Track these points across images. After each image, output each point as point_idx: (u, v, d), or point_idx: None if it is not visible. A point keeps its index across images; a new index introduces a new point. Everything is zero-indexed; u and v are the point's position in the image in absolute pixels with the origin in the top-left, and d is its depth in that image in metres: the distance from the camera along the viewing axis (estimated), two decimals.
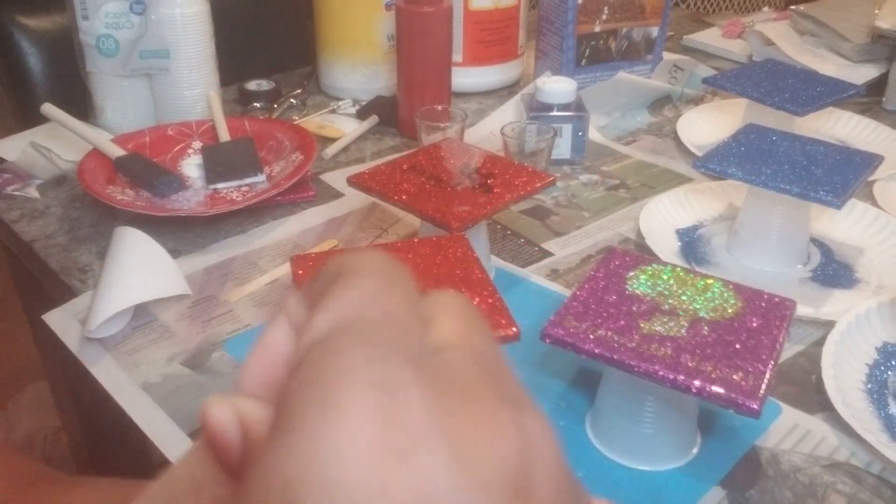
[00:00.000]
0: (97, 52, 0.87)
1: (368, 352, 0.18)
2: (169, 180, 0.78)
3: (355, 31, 1.02)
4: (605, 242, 0.75)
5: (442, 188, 0.65)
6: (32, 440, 1.34)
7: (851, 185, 0.64)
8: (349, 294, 0.19)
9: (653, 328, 0.48)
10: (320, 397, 0.17)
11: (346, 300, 0.19)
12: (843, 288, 0.68)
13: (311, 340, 0.19)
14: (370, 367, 0.17)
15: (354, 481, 0.16)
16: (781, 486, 0.49)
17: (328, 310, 0.19)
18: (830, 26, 1.16)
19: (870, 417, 0.54)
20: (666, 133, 0.99)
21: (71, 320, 0.63)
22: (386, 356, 0.18)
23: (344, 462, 0.16)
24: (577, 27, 1.02)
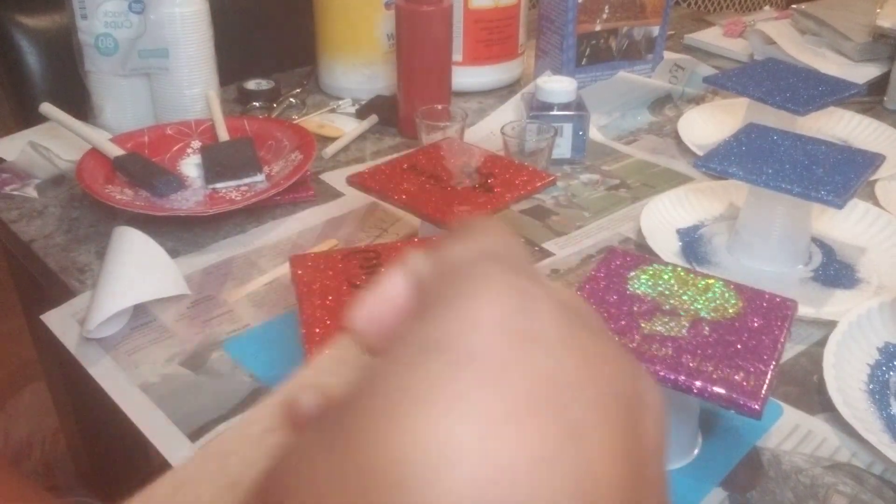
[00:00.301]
0: (96, 52, 0.87)
1: (505, 267, 0.19)
2: (168, 180, 0.78)
3: (355, 31, 1.02)
4: (605, 242, 0.75)
5: (442, 188, 0.65)
6: (31, 441, 1.34)
7: (853, 184, 0.64)
8: (479, 237, 0.21)
9: (654, 328, 0.48)
10: (461, 290, 0.19)
11: (477, 239, 0.21)
12: (845, 288, 0.68)
13: (446, 261, 0.20)
14: (507, 276, 0.19)
15: (487, 352, 0.17)
16: (783, 486, 0.49)
17: (461, 241, 0.21)
18: (832, 25, 1.16)
19: (871, 418, 0.53)
20: (667, 133, 0.99)
21: (70, 320, 0.63)
22: (523, 274, 0.19)
23: (482, 335, 0.17)
24: (577, 26, 1.02)
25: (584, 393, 0.17)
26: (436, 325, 0.18)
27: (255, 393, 0.56)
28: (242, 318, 0.63)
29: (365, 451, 0.16)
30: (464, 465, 0.16)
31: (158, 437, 0.52)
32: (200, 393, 0.56)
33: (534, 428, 0.16)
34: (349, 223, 0.77)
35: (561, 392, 0.17)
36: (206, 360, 0.59)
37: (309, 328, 0.47)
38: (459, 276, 0.19)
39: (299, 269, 0.53)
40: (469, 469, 0.16)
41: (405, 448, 0.16)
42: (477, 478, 0.16)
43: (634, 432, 0.18)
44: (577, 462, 0.16)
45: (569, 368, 0.18)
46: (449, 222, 0.60)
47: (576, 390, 0.17)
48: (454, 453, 0.16)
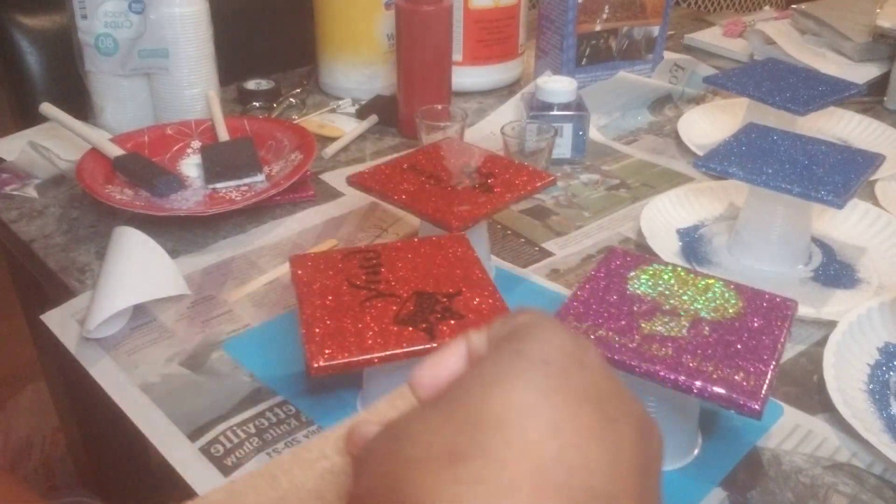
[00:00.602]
0: (96, 52, 0.87)
1: (561, 330, 0.27)
2: (168, 180, 0.78)
3: (355, 31, 1.02)
4: (605, 242, 0.75)
5: (442, 188, 0.65)
6: (31, 441, 1.33)
7: (853, 184, 0.64)
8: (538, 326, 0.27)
9: (654, 328, 0.48)
10: (517, 348, 0.26)
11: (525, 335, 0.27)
12: (845, 288, 0.68)
13: (507, 328, 0.27)
14: (564, 339, 0.26)
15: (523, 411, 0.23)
16: (783, 486, 0.49)
17: (507, 327, 0.28)
18: (832, 25, 1.16)
19: (871, 418, 0.53)
20: (667, 133, 0.99)
21: (69, 320, 0.63)
22: (574, 335, 0.27)
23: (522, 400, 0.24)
24: (577, 26, 1.02)
25: (618, 404, 0.25)
26: (482, 402, 0.24)
27: (254, 393, 0.56)
28: (242, 318, 0.63)
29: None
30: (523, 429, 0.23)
31: (158, 437, 0.52)
32: (200, 393, 0.56)
33: (584, 413, 0.24)
34: (349, 223, 0.77)
35: (602, 399, 0.25)
36: (206, 360, 0.59)
37: (309, 328, 0.47)
38: (519, 335, 0.26)
39: (299, 269, 0.53)
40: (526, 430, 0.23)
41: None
42: (541, 427, 0.23)
43: (647, 439, 0.26)
44: (613, 439, 0.24)
45: (607, 386, 0.26)
46: (449, 222, 0.60)
47: (614, 401, 0.25)
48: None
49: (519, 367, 0.25)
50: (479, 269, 0.53)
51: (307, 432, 0.52)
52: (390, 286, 0.51)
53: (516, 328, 0.27)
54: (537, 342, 0.25)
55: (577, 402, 0.24)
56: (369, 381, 0.53)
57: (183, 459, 0.50)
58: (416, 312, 0.49)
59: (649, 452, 0.26)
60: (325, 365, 0.45)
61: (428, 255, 0.55)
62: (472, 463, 0.22)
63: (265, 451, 0.51)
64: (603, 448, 0.23)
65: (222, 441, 0.51)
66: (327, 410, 0.54)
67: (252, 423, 0.53)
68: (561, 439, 0.23)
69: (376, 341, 0.46)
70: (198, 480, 0.49)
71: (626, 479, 0.24)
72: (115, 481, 1.16)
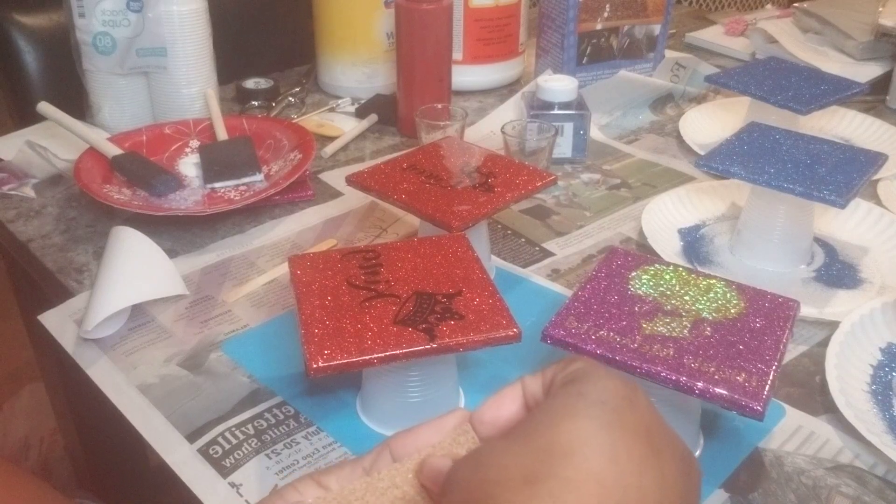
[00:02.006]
0: (94, 50, 0.87)
1: (614, 376, 0.31)
2: (166, 179, 0.77)
3: (354, 29, 1.01)
4: (606, 242, 0.74)
5: (442, 187, 0.64)
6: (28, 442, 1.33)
7: (855, 184, 0.64)
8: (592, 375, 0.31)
9: (655, 329, 0.48)
10: (579, 390, 0.30)
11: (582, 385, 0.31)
12: (847, 288, 0.67)
13: (564, 374, 0.32)
14: (617, 384, 0.31)
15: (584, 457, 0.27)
16: (785, 488, 0.49)
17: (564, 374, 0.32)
18: (834, 24, 1.15)
19: (874, 419, 0.53)
20: (668, 132, 0.98)
21: (67, 321, 0.62)
22: (624, 379, 0.31)
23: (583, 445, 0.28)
24: (578, 25, 1.01)
25: (663, 438, 0.30)
26: (552, 434, 0.28)
27: (253, 394, 0.55)
28: (241, 319, 0.63)
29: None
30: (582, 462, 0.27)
31: (156, 438, 0.52)
32: (199, 394, 0.55)
33: (636, 444, 0.28)
34: (348, 223, 0.77)
35: (651, 434, 0.29)
36: (205, 360, 0.59)
37: (308, 329, 0.47)
38: (556, 409, 0.30)
39: (298, 269, 0.53)
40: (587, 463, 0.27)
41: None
42: (601, 456, 0.27)
43: (688, 471, 0.30)
44: (661, 468, 0.28)
45: (654, 423, 0.30)
46: (449, 222, 0.59)
47: (660, 436, 0.30)
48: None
49: (581, 405, 0.29)
50: (479, 269, 0.53)
51: (306, 433, 0.52)
52: (390, 286, 0.51)
53: (575, 373, 0.32)
54: (595, 386, 0.30)
55: (630, 435, 0.28)
56: (368, 382, 0.53)
57: (181, 460, 0.50)
58: (415, 313, 0.48)
59: (690, 482, 0.30)
60: (324, 366, 0.45)
61: (428, 255, 0.54)
62: (546, 484, 0.26)
63: (264, 452, 0.50)
64: (653, 475, 0.28)
65: (221, 442, 0.51)
66: (326, 411, 0.54)
67: (251, 424, 0.53)
68: (619, 466, 0.27)
69: (376, 342, 0.46)
70: (196, 482, 0.48)
71: (671, 501, 0.28)
72: (114, 482, 1.15)
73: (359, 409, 0.54)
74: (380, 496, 0.32)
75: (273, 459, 0.50)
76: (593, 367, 0.32)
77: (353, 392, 0.55)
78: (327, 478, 0.33)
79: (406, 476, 0.32)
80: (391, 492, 0.32)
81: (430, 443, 0.33)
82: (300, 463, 0.50)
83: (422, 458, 0.33)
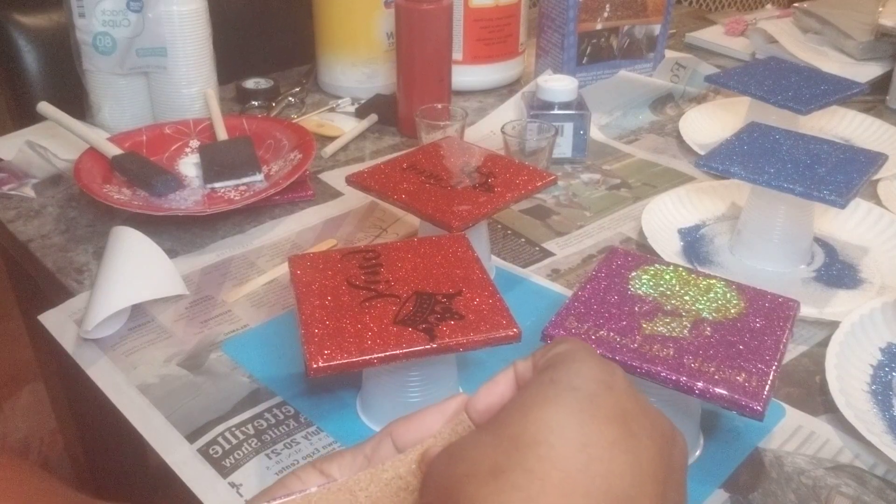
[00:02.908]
0: (94, 50, 0.87)
1: (591, 359, 0.31)
2: (166, 179, 0.77)
3: (354, 29, 1.01)
4: (606, 242, 0.74)
5: (442, 187, 0.64)
6: (28, 442, 1.33)
7: (855, 184, 0.64)
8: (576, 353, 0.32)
9: (655, 329, 0.48)
10: (551, 377, 0.30)
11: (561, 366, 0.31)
12: (847, 288, 0.67)
13: (546, 358, 0.32)
14: (593, 367, 0.30)
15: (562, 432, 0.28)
16: (785, 488, 0.49)
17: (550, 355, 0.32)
18: (834, 24, 1.15)
19: (874, 419, 0.53)
20: (668, 132, 0.98)
21: (67, 321, 0.62)
22: (603, 362, 0.31)
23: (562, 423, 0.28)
24: (578, 25, 1.01)
25: (641, 420, 0.29)
26: (520, 425, 0.28)
27: (253, 394, 0.55)
28: (241, 319, 0.63)
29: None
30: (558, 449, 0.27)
31: (156, 438, 0.52)
32: (199, 394, 0.55)
33: (609, 429, 0.28)
34: (348, 223, 0.77)
35: (626, 417, 0.29)
36: (205, 360, 0.59)
37: (308, 328, 0.47)
38: (560, 367, 0.31)
39: (298, 269, 0.53)
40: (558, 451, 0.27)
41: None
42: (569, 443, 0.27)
43: (669, 452, 0.30)
44: (635, 451, 0.28)
45: (631, 406, 0.30)
46: (449, 222, 0.59)
47: (637, 419, 0.29)
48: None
49: (552, 392, 0.29)
50: (479, 269, 0.53)
51: (306, 433, 0.52)
52: (390, 286, 0.51)
53: (554, 358, 0.32)
54: (568, 371, 0.30)
55: (601, 421, 0.28)
56: (368, 382, 0.53)
57: (181, 461, 0.50)
58: (415, 313, 0.48)
59: (671, 462, 0.30)
60: (324, 366, 0.45)
61: (428, 255, 0.54)
62: (510, 475, 0.27)
63: (264, 452, 0.50)
64: (624, 458, 0.27)
65: (221, 442, 0.51)
66: (326, 411, 0.54)
67: (251, 424, 0.53)
68: (587, 453, 0.27)
69: (375, 342, 0.46)
70: (196, 482, 0.48)
71: (645, 485, 0.28)
72: (114, 482, 1.15)
73: (359, 409, 0.54)
74: (384, 487, 0.32)
75: (273, 459, 0.50)
76: (573, 351, 0.32)
77: (353, 392, 0.55)
78: (329, 465, 0.33)
79: (410, 467, 0.33)
80: (395, 482, 0.33)
81: (431, 429, 0.33)
82: (300, 463, 0.50)
83: (424, 448, 0.33)
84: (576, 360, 0.31)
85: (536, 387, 0.30)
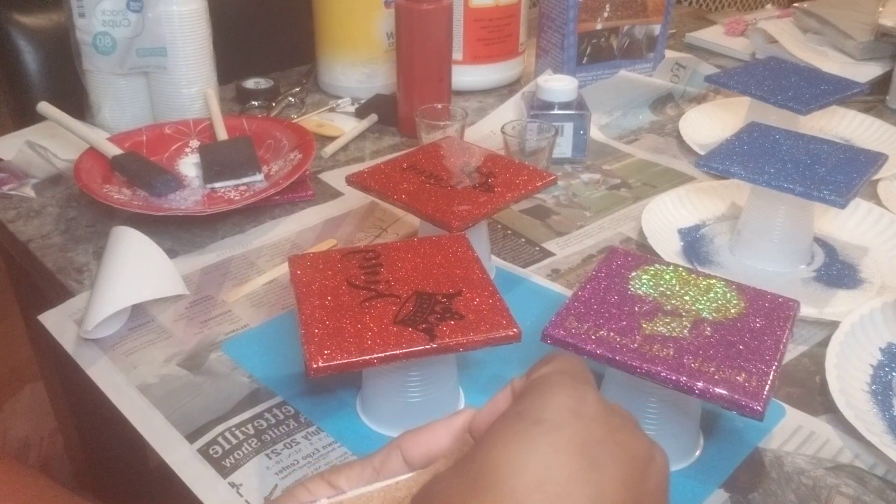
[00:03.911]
0: (94, 50, 0.87)
1: (561, 387, 0.31)
2: (166, 179, 0.77)
3: (354, 29, 1.01)
4: (606, 242, 0.74)
5: (442, 187, 0.64)
6: (28, 442, 1.33)
7: (855, 184, 0.64)
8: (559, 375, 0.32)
9: (655, 329, 0.48)
10: (517, 410, 0.31)
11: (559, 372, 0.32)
12: (847, 288, 0.67)
13: (528, 383, 0.33)
14: (561, 395, 0.30)
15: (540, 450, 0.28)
16: (785, 488, 0.49)
17: (549, 366, 0.33)
18: (834, 24, 1.15)
19: (874, 419, 0.53)
20: (668, 132, 0.98)
21: (67, 321, 0.62)
22: (573, 389, 0.31)
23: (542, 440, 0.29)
24: (578, 25, 1.01)
25: (607, 448, 0.29)
26: (482, 464, 0.29)
27: (253, 394, 0.55)
28: (241, 319, 0.63)
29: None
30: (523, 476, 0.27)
31: (156, 438, 0.52)
32: (199, 394, 0.55)
33: (570, 462, 0.28)
34: (348, 223, 0.77)
35: (590, 447, 0.29)
36: (205, 360, 0.59)
37: (308, 328, 0.47)
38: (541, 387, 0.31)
39: (298, 269, 0.53)
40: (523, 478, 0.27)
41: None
42: (527, 483, 0.27)
43: (641, 476, 0.30)
44: (597, 481, 0.28)
45: (599, 433, 0.29)
46: (449, 222, 0.59)
47: (604, 446, 0.29)
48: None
49: (517, 428, 0.29)
50: (479, 269, 0.53)
51: (306, 433, 0.52)
52: (390, 286, 0.51)
53: (530, 385, 0.32)
54: (535, 403, 0.30)
55: (564, 453, 0.28)
56: (368, 382, 0.53)
57: (181, 461, 0.50)
58: (415, 313, 0.48)
59: (644, 486, 0.30)
60: (324, 366, 0.45)
61: (428, 255, 0.54)
62: None
63: (264, 452, 0.50)
64: (584, 491, 0.27)
65: (221, 442, 0.51)
66: (326, 411, 0.54)
67: (251, 424, 0.53)
68: (545, 490, 0.27)
69: (375, 342, 0.46)
70: (196, 482, 0.48)
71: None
72: (113, 483, 1.15)
73: (359, 409, 0.54)
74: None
75: (273, 459, 0.50)
76: (547, 378, 0.31)
77: (353, 392, 0.55)
78: (337, 477, 0.33)
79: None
80: (406, 501, 0.32)
81: (439, 443, 0.33)
82: (300, 463, 0.50)
83: (434, 469, 0.33)
84: (545, 390, 0.31)
85: (503, 421, 0.30)
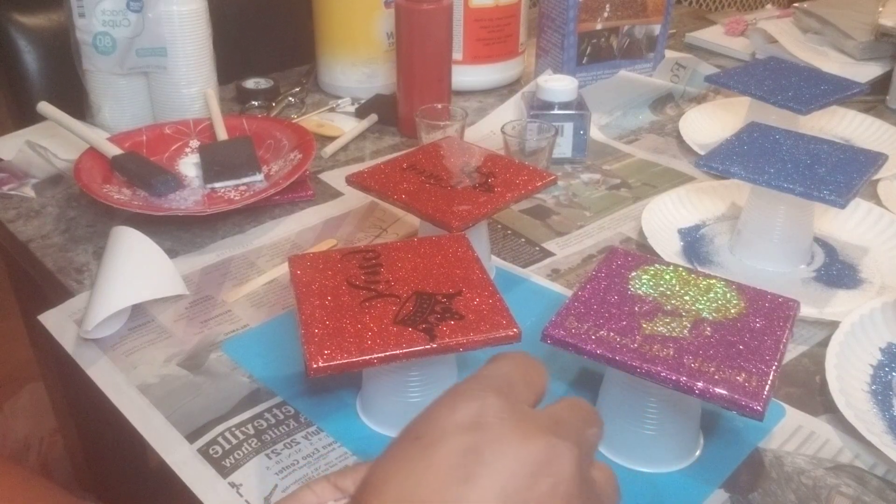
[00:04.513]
0: (94, 50, 0.87)
1: (471, 393, 0.31)
2: (166, 179, 0.77)
3: (354, 29, 1.01)
4: (606, 242, 0.74)
5: (442, 187, 0.64)
6: (28, 442, 1.33)
7: (855, 184, 0.64)
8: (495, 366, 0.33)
9: (655, 329, 0.48)
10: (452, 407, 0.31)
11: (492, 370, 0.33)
12: (847, 288, 0.67)
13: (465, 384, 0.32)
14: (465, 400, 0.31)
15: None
16: (785, 488, 0.49)
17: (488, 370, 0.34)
18: (834, 24, 1.15)
19: (874, 419, 0.53)
20: (668, 132, 0.98)
21: (67, 321, 0.62)
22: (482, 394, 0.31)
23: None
24: (578, 25, 1.01)
25: (485, 456, 0.28)
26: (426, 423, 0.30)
27: (253, 394, 0.55)
28: (241, 319, 0.63)
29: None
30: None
31: (156, 438, 0.52)
32: (199, 394, 0.55)
33: (442, 474, 0.28)
34: (348, 223, 0.77)
35: (470, 457, 0.28)
36: (205, 360, 0.59)
37: (308, 328, 0.47)
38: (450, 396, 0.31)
39: (298, 269, 0.53)
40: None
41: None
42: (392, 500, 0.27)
43: (528, 483, 0.28)
44: (466, 498, 0.27)
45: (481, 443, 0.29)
46: (449, 222, 0.59)
47: (479, 456, 0.28)
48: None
49: (400, 445, 0.29)
50: (479, 269, 0.53)
51: (306, 433, 0.52)
52: (390, 286, 0.51)
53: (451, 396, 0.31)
54: (421, 418, 0.30)
55: (437, 468, 0.27)
56: (368, 382, 0.53)
57: (181, 461, 0.50)
58: (415, 313, 0.48)
59: (531, 493, 0.28)
60: (324, 366, 0.45)
61: (428, 255, 0.54)
62: None
63: (264, 452, 0.50)
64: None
65: (221, 442, 0.51)
66: (326, 411, 0.54)
67: (251, 424, 0.53)
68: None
69: (375, 342, 0.46)
70: (196, 482, 0.48)
71: None
72: (114, 483, 1.15)
73: (359, 409, 0.54)
74: None
75: (273, 459, 0.50)
76: (449, 391, 0.32)
77: (353, 392, 0.55)
78: (343, 480, 0.33)
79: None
80: None
81: None
82: (300, 463, 0.50)
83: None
84: (433, 404, 0.31)
85: (394, 439, 0.30)
